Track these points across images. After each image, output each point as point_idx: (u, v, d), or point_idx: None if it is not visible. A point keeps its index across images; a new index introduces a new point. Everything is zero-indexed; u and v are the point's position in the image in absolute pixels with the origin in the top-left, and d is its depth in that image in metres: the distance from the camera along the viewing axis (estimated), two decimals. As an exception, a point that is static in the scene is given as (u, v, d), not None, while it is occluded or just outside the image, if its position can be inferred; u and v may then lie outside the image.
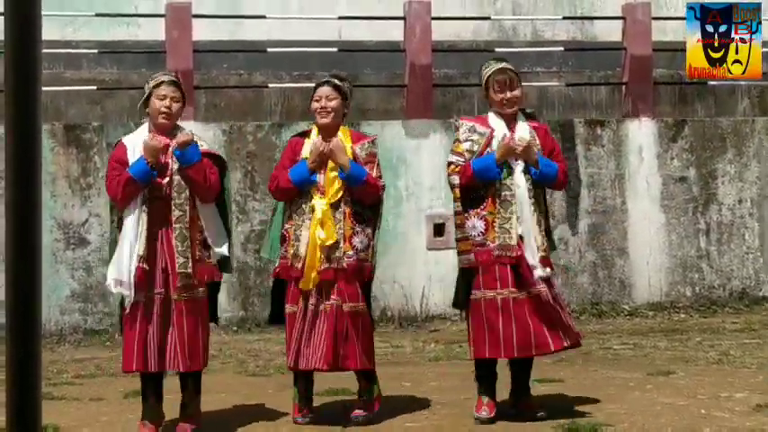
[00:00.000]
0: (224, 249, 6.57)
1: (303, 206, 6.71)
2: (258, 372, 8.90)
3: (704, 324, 11.12)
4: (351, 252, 6.72)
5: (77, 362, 9.50)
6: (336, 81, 6.90)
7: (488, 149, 6.80)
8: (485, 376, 6.87)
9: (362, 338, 6.76)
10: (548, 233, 6.94)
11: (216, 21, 12.56)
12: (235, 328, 10.93)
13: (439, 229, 11.49)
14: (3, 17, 2.11)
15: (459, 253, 6.87)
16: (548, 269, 6.75)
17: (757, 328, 10.72)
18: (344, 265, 6.68)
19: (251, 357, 9.59)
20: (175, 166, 6.43)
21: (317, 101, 6.84)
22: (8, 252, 2.11)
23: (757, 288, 12.25)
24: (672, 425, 6.61)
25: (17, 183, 2.07)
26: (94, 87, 11.94)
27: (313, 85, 7.13)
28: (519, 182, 6.72)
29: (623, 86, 12.44)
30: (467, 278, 6.84)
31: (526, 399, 6.98)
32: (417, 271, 11.35)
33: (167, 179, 6.42)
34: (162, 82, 6.51)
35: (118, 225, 6.46)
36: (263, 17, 12.38)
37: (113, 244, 6.46)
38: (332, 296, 6.66)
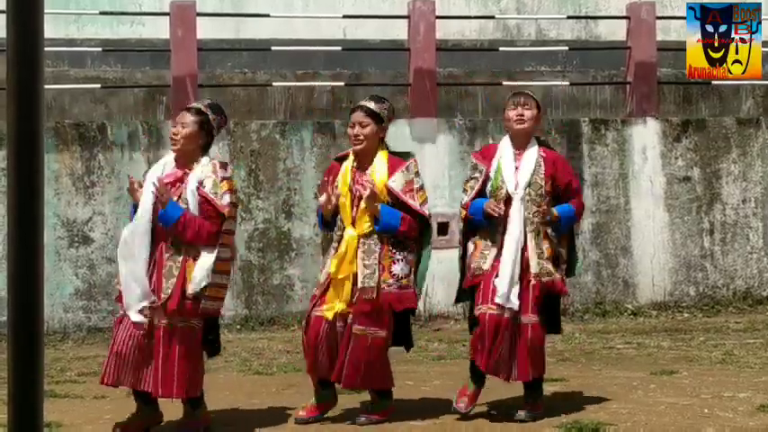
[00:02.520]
0: (196, 285, 6.39)
1: (336, 232, 6.77)
2: (262, 370, 8.90)
3: (708, 324, 11.12)
4: (390, 280, 6.69)
5: (81, 360, 9.50)
6: (371, 105, 6.82)
7: (487, 186, 6.90)
8: (475, 371, 6.97)
9: (372, 361, 6.73)
10: (557, 259, 6.92)
11: (220, 19, 12.57)
12: (238, 327, 10.93)
13: (442, 228, 11.48)
14: (5, 15, 2.10)
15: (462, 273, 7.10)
16: (515, 301, 6.75)
17: (761, 328, 10.72)
18: (383, 294, 6.67)
19: (254, 356, 9.59)
20: (181, 204, 6.40)
21: (351, 127, 6.80)
22: (11, 250, 2.11)
23: (761, 288, 12.23)
24: (675, 424, 6.61)
25: (19, 181, 2.07)
26: (98, 86, 11.94)
27: (316, 83, 7.11)
28: (514, 212, 6.77)
29: (627, 86, 12.43)
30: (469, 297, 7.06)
31: (535, 404, 7.00)
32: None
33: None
34: (182, 110, 6.62)
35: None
36: (267, 16, 12.38)
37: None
38: (357, 323, 6.66)
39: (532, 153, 6.88)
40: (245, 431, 6.75)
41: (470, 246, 6.94)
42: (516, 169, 6.83)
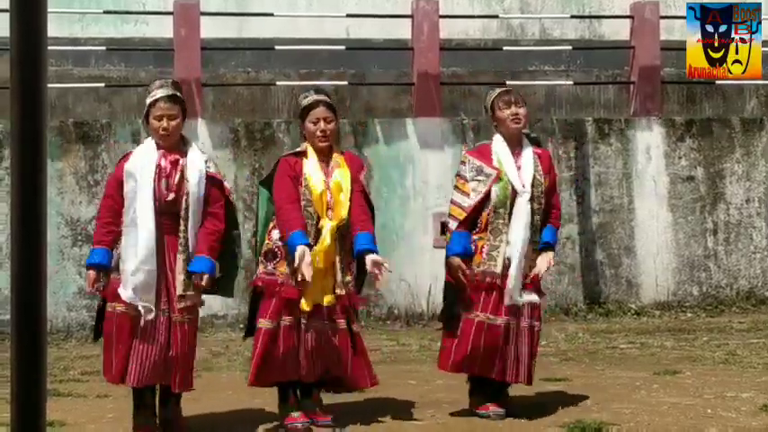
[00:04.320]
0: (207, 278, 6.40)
1: (309, 227, 6.56)
2: (264, 369, 8.89)
3: (711, 323, 11.11)
4: (349, 278, 6.67)
5: (84, 359, 9.51)
6: (328, 99, 6.78)
7: (493, 188, 6.79)
8: (479, 387, 6.94)
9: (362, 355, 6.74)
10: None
11: (223, 18, 12.57)
12: (241, 326, 10.92)
13: (445, 228, 11.47)
14: (8, 14, 2.10)
15: (450, 216, 6.96)
16: (534, 296, 6.76)
17: (764, 328, 10.71)
18: (351, 289, 6.65)
19: (257, 355, 9.57)
20: (187, 187, 6.33)
21: (313, 123, 6.65)
22: (14, 249, 2.11)
23: (764, 288, 12.23)
24: (678, 424, 6.61)
25: (23, 180, 2.08)
26: (102, 84, 11.95)
27: (320, 83, 7.03)
28: (522, 210, 6.74)
29: (631, 85, 12.43)
30: (452, 294, 6.87)
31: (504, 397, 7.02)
32: (424, 269, 11.34)
33: (179, 193, 6.34)
34: (157, 100, 6.41)
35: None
36: (271, 15, 12.39)
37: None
38: (332, 316, 6.60)
39: (528, 151, 6.88)
40: (247, 431, 6.75)
41: (470, 246, 6.85)
42: (519, 168, 6.82)
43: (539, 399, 7.27)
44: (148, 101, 6.44)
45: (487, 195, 6.79)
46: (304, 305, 6.51)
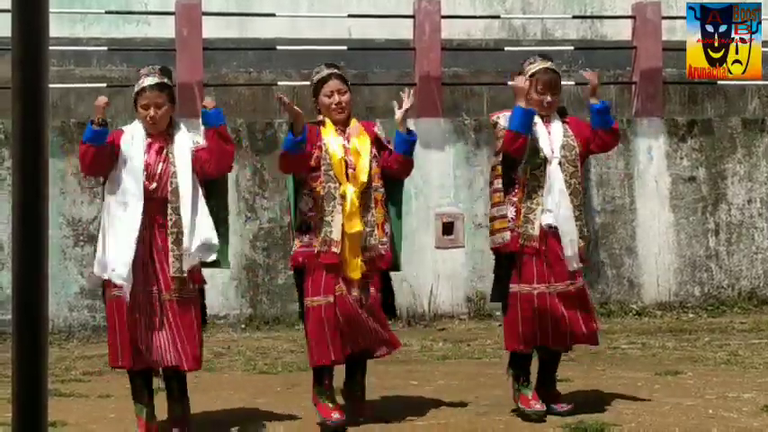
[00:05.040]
0: (209, 240, 6.36)
1: (333, 191, 6.56)
2: (266, 369, 8.91)
3: (713, 324, 11.11)
4: (385, 239, 6.66)
5: (85, 359, 9.52)
6: (340, 72, 6.85)
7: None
8: (522, 370, 6.90)
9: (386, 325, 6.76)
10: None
11: (225, 18, 12.58)
12: (243, 326, 10.94)
13: (447, 228, 11.49)
14: (10, 14, 2.10)
15: (492, 233, 6.89)
16: (579, 264, 6.77)
17: (766, 329, 10.70)
18: (382, 252, 6.63)
19: (259, 355, 9.59)
20: (173, 169, 6.35)
21: (328, 96, 6.71)
22: (15, 249, 2.11)
23: (766, 288, 12.22)
24: (679, 425, 6.61)
25: (24, 180, 2.08)
26: (104, 85, 11.95)
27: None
28: (555, 175, 6.72)
29: (633, 86, 12.42)
30: (503, 269, 6.84)
31: (552, 390, 7.00)
32: (426, 269, 11.35)
33: (162, 181, 6.35)
34: (143, 88, 6.44)
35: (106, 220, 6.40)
36: (273, 15, 12.39)
37: (104, 238, 6.35)
38: (366, 286, 6.60)
39: (557, 121, 6.89)
40: (250, 431, 6.75)
41: (511, 209, 6.78)
42: (549, 134, 6.81)
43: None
44: (135, 89, 6.48)
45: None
46: (350, 273, 6.48)
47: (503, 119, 6.90)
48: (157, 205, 6.32)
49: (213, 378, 8.52)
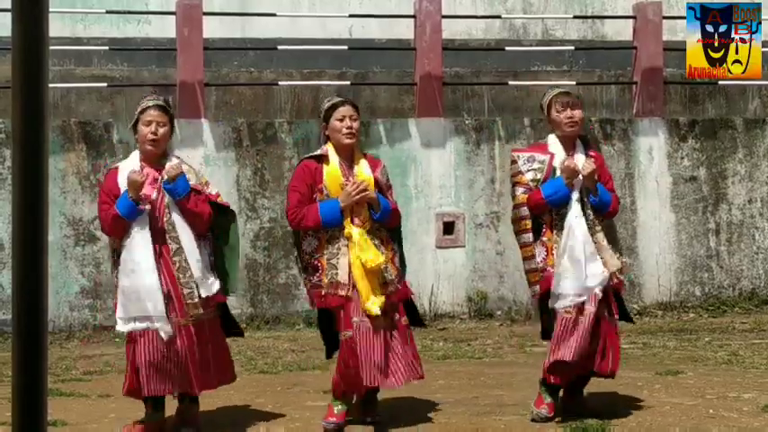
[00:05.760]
0: (208, 288, 6.45)
1: (337, 233, 6.55)
2: (267, 369, 8.91)
3: (713, 324, 11.10)
4: (396, 273, 6.67)
5: (86, 358, 9.52)
6: (352, 99, 6.91)
7: (552, 175, 6.80)
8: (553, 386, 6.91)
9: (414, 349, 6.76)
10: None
11: (226, 18, 12.57)
12: (244, 326, 10.92)
13: (448, 228, 11.49)
14: (10, 13, 2.10)
15: (530, 284, 6.93)
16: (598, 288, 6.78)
17: (766, 329, 10.70)
18: (399, 287, 6.66)
19: (260, 355, 9.60)
20: (167, 199, 6.41)
21: (339, 120, 6.64)
22: (15, 249, 2.11)
23: (767, 288, 12.22)
24: (680, 425, 6.61)
25: (24, 180, 2.08)
26: (105, 84, 11.96)
27: (322, 82, 7.02)
28: (574, 211, 6.72)
29: (634, 86, 12.42)
30: (545, 307, 6.89)
31: (579, 397, 7.01)
32: (426, 269, 11.35)
33: (159, 212, 6.39)
34: (148, 107, 6.48)
35: (115, 259, 6.46)
36: (274, 15, 12.39)
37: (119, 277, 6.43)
38: (389, 313, 6.61)
39: (581, 154, 6.89)
40: (251, 430, 6.75)
41: (541, 249, 6.81)
42: None
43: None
44: (138, 109, 6.51)
45: (546, 180, 6.77)
46: (369, 311, 6.47)
47: (521, 160, 6.90)
48: (159, 236, 6.39)
49: (214, 378, 8.50)
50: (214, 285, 6.48)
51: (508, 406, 7.14)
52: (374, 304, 6.46)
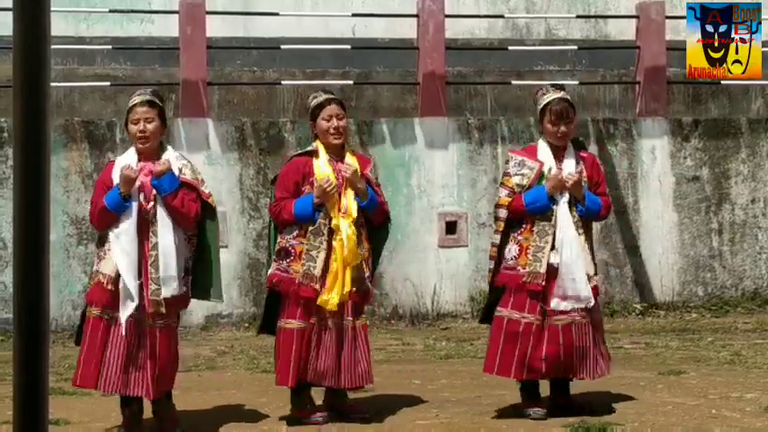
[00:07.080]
0: (171, 289, 6.35)
1: (322, 226, 6.60)
2: (269, 368, 8.89)
3: (716, 324, 11.10)
4: (368, 273, 6.72)
5: (89, 357, 9.50)
6: (338, 97, 6.90)
7: (538, 183, 6.83)
8: (529, 389, 6.95)
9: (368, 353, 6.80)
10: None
11: (229, 17, 12.57)
12: (246, 325, 10.93)
13: (451, 227, 11.48)
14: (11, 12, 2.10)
15: (489, 280, 7.04)
16: (591, 300, 6.78)
17: (769, 329, 10.70)
18: (367, 288, 6.71)
19: (262, 354, 9.58)
20: (155, 193, 6.39)
21: (326, 120, 6.69)
22: (17, 248, 2.11)
23: (770, 288, 12.21)
24: (682, 424, 6.61)
25: (26, 179, 2.08)
26: (108, 83, 11.96)
27: (325, 82, 7.04)
28: (563, 215, 6.73)
29: (637, 85, 12.41)
30: (496, 295, 6.92)
31: (565, 395, 7.03)
32: (429, 269, 11.35)
33: (151, 204, 6.38)
34: (134, 104, 6.44)
35: (99, 243, 6.47)
36: (277, 14, 12.38)
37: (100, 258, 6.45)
38: (346, 314, 6.64)
39: (571, 157, 6.91)
40: (252, 429, 6.75)
41: (514, 247, 6.82)
42: (560, 172, 6.83)
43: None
44: (127, 108, 6.49)
45: (530, 189, 6.78)
46: (329, 305, 6.52)
47: (512, 162, 6.94)
48: (143, 226, 6.37)
49: (216, 377, 8.52)
50: (178, 289, 6.37)
51: (510, 406, 7.13)
52: (334, 298, 6.51)
